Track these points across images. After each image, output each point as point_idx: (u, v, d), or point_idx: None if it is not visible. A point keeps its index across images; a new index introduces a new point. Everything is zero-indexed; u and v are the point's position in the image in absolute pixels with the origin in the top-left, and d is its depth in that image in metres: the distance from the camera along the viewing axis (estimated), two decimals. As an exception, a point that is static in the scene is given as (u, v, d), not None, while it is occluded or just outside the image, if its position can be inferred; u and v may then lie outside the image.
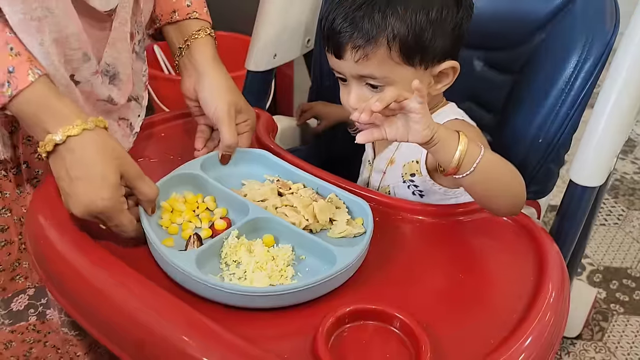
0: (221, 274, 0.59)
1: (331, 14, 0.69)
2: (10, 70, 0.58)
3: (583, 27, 0.77)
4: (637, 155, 1.97)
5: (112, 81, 0.74)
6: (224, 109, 0.74)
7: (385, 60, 0.68)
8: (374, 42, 0.67)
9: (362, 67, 0.69)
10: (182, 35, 0.80)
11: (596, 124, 0.71)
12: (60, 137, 0.59)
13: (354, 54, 0.68)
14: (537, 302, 0.59)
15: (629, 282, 1.45)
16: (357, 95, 0.72)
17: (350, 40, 0.68)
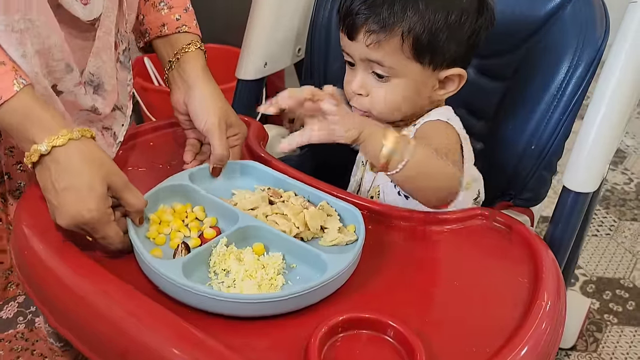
0: (209, 283, 0.58)
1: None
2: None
3: (574, 33, 0.78)
4: (627, 166, 1.98)
5: (97, 91, 0.73)
6: (215, 122, 0.73)
7: (396, 51, 0.68)
8: (389, 30, 0.67)
9: (372, 51, 0.69)
10: (172, 49, 0.79)
11: (588, 129, 0.70)
12: (45, 148, 0.58)
13: (367, 38, 0.68)
14: (533, 310, 0.58)
15: (622, 293, 1.44)
16: (362, 80, 0.72)
17: (365, 24, 0.68)
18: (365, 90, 0.73)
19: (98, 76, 0.72)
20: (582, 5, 0.79)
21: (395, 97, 0.72)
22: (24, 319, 0.82)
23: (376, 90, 0.72)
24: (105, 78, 0.73)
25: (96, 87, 0.73)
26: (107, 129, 0.78)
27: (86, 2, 0.67)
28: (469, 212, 0.71)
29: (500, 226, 0.70)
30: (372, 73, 0.71)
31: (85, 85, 0.70)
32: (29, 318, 0.82)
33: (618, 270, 1.52)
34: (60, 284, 0.58)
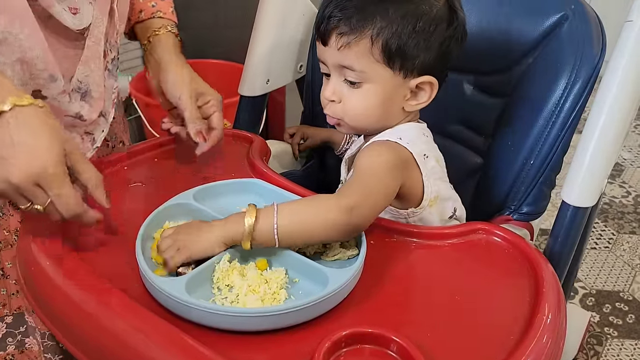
0: (213, 299, 0.58)
1: (326, 1, 0.71)
2: None
3: (571, 51, 0.79)
4: (625, 179, 2.00)
5: (84, 98, 0.75)
6: (184, 95, 0.79)
7: (365, 54, 0.69)
8: (359, 33, 0.69)
9: (343, 56, 0.70)
10: (147, 33, 0.85)
11: (587, 143, 0.71)
12: (8, 106, 0.56)
13: (338, 41, 0.70)
14: (534, 324, 0.58)
15: (622, 306, 1.45)
16: (334, 87, 0.74)
17: (336, 27, 0.69)
18: (338, 97, 0.74)
19: (86, 84, 0.74)
20: (579, 23, 0.80)
21: (367, 103, 0.73)
22: (13, 340, 0.81)
23: (348, 96, 0.73)
24: (93, 86, 0.75)
25: (84, 94, 0.74)
26: (88, 134, 0.80)
27: (75, 11, 0.68)
28: (469, 226, 0.72)
29: (500, 240, 0.70)
30: (345, 81, 0.73)
31: (73, 92, 0.71)
32: (18, 339, 0.81)
33: (617, 283, 1.52)
34: (67, 300, 0.58)
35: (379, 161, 0.69)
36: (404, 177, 0.71)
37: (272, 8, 0.95)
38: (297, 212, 0.63)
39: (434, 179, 0.75)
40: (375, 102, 0.73)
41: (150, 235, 0.66)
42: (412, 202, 0.75)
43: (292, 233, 0.62)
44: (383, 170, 0.68)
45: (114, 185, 0.78)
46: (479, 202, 0.89)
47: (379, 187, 0.67)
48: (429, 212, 0.76)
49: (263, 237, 0.61)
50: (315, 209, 0.63)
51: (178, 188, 0.73)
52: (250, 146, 0.87)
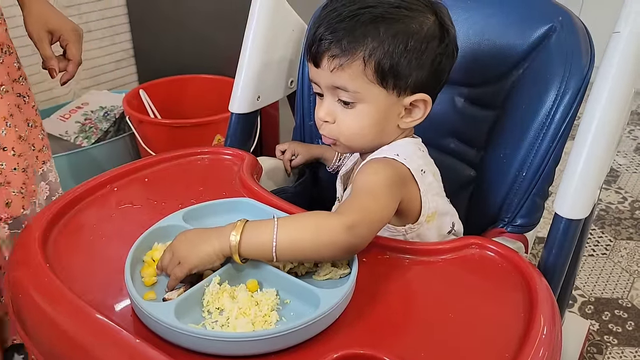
0: (203, 323, 0.57)
1: (316, 23, 0.71)
2: None
3: (560, 62, 0.79)
4: (621, 185, 1.99)
5: None
6: (35, 35, 0.95)
7: (359, 75, 0.69)
8: (351, 55, 0.69)
9: (336, 77, 0.70)
10: None
11: (577, 156, 0.71)
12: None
13: (330, 63, 0.70)
14: (529, 339, 0.58)
15: (621, 313, 1.44)
16: (328, 108, 0.74)
17: (328, 49, 0.69)
18: (332, 117, 0.74)
19: None
20: (567, 34, 0.80)
21: (362, 123, 0.73)
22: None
23: (342, 117, 0.73)
24: None
25: None
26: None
27: None
28: (462, 241, 0.71)
29: (493, 255, 0.70)
30: (339, 101, 0.72)
31: None
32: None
33: (616, 290, 1.51)
34: (55, 329, 0.57)
35: (377, 179, 0.69)
36: (402, 193, 0.71)
37: (261, 24, 0.95)
38: (296, 229, 0.62)
39: (431, 195, 0.75)
40: (369, 121, 0.73)
41: (140, 258, 0.65)
42: (410, 218, 0.75)
43: (290, 250, 0.61)
44: (381, 188, 0.68)
45: (103, 207, 0.77)
46: (472, 215, 0.89)
47: (378, 206, 0.66)
48: (427, 228, 0.76)
49: (259, 251, 0.61)
50: (314, 227, 0.62)
51: (168, 208, 0.73)
52: (242, 164, 0.86)
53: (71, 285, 0.61)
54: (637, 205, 1.89)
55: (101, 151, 1.70)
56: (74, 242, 0.71)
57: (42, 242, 0.68)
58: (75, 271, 0.65)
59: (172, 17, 1.89)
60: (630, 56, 0.69)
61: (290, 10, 0.99)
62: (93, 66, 2.01)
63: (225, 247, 0.60)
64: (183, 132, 1.63)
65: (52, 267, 0.64)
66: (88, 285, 0.63)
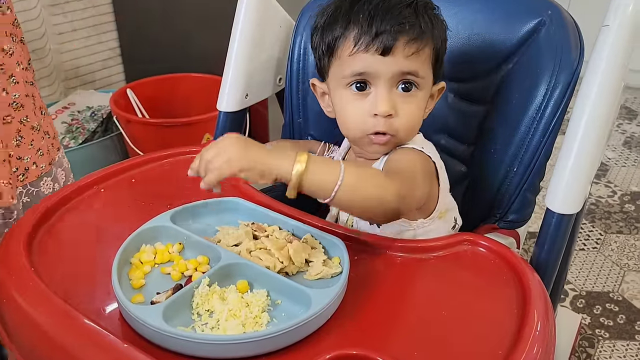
0: (193, 325, 0.56)
1: (373, 11, 0.68)
2: None
3: (550, 56, 0.78)
4: (610, 179, 2.00)
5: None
6: None
7: (428, 59, 0.71)
8: (426, 39, 0.70)
9: (410, 62, 0.69)
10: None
11: (568, 151, 0.71)
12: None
13: (408, 48, 0.69)
14: (523, 335, 0.57)
15: (612, 306, 1.45)
16: (391, 99, 0.70)
17: (406, 35, 0.68)
18: (395, 110, 0.71)
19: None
20: (556, 28, 0.80)
21: (419, 112, 0.74)
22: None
23: (404, 107, 0.71)
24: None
25: None
26: None
27: None
28: (454, 238, 0.71)
29: (485, 251, 0.69)
30: (399, 89, 0.71)
31: None
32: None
33: (607, 284, 1.52)
34: (40, 334, 0.56)
35: (418, 164, 0.71)
36: (430, 185, 0.72)
37: (248, 22, 0.94)
38: (359, 178, 0.61)
39: (445, 191, 0.76)
40: (423, 111, 0.74)
41: (128, 260, 0.64)
42: (424, 213, 0.75)
43: (349, 194, 0.60)
44: (420, 174, 0.70)
45: (90, 208, 0.76)
46: (465, 211, 0.88)
47: (420, 188, 0.68)
48: (438, 224, 0.76)
49: (319, 187, 0.59)
50: (375, 182, 0.63)
51: (156, 209, 0.72)
52: (230, 163, 0.85)
53: (57, 289, 0.60)
54: (626, 199, 1.90)
55: (89, 152, 1.68)
56: (60, 244, 0.70)
57: (27, 245, 0.67)
58: (61, 274, 0.64)
59: (159, 15, 1.87)
60: (620, 50, 0.69)
61: (278, 6, 0.98)
62: (79, 66, 1.98)
63: (285, 171, 0.58)
64: (171, 132, 1.61)
65: (37, 270, 0.63)
66: (74, 288, 0.62)
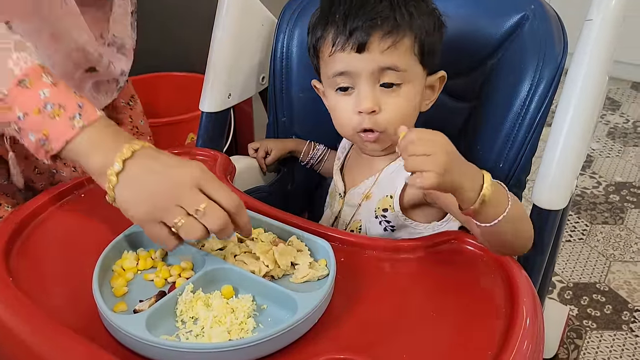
0: (177, 333, 0.55)
1: (347, 10, 0.68)
2: (80, 105, 0.62)
3: (533, 51, 0.78)
4: (595, 170, 2.02)
5: (120, 50, 0.87)
6: None
7: (408, 52, 0.69)
8: (403, 31, 0.68)
9: (387, 57, 0.68)
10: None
11: (554, 146, 0.70)
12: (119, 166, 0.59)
13: (383, 42, 0.67)
14: (513, 333, 0.57)
15: (599, 297, 1.46)
16: (373, 96, 0.69)
17: (380, 29, 0.67)
18: (378, 106, 0.70)
19: (121, 38, 0.85)
20: (539, 22, 0.79)
21: (409, 106, 0.71)
22: None
23: (389, 102, 0.70)
24: (126, 39, 0.86)
25: (119, 47, 0.86)
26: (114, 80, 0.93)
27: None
28: (441, 237, 0.70)
29: (472, 249, 0.69)
30: (382, 86, 0.70)
31: (110, 46, 0.77)
32: None
33: (593, 275, 1.53)
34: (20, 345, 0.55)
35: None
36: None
37: (230, 20, 0.92)
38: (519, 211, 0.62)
39: None
40: (413, 104, 0.72)
41: (109, 268, 0.63)
42: (439, 215, 0.75)
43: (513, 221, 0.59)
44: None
45: (69, 215, 0.74)
46: (451, 208, 0.88)
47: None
48: (450, 225, 0.75)
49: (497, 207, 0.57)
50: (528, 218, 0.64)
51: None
52: (214, 164, 0.84)
53: (37, 299, 0.58)
54: (611, 189, 1.91)
55: (70, 154, 1.65)
56: (38, 253, 0.68)
57: (5, 254, 0.65)
58: (41, 283, 0.63)
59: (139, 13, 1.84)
60: (603, 44, 0.69)
61: (259, 4, 0.97)
62: (59, 66, 1.95)
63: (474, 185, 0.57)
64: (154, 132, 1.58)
65: (15, 280, 0.61)
66: (54, 298, 0.60)
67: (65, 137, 0.61)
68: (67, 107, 0.61)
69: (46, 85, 0.62)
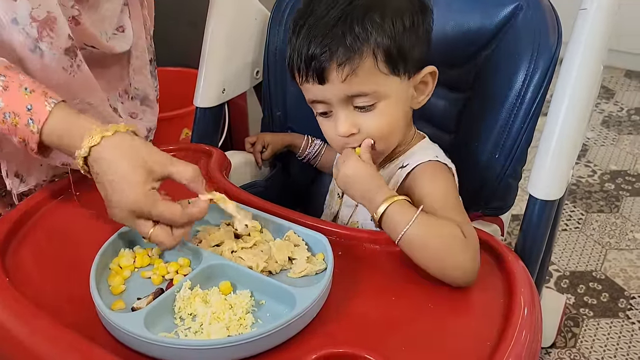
0: (176, 330, 0.55)
1: (302, 41, 0.66)
2: (29, 107, 0.62)
3: (528, 41, 0.78)
4: (590, 159, 2.02)
5: (144, 102, 0.85)
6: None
7: (372, 72, 0.66)
8: (359, 54, 0.65)
9: (349, 85, 0.66)
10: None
11: (549, 137, 0.70)
12: (84, 151, 0.61)
13: (341, 73, 0.65)
14: (511, 323, 0.57)
15: (595, 285, 1.46)
16: (349, 120, 0.69)
17: (334, 59, 0.65)
18: (356, 127, 0.69)
19: (142, 89, 0.83)
20: (533, 12, 0.79)
21: (389, 119, 0.69)
22: None
23: (366, 122, 0.69)
24: (148, 89, 0.84)
25: (142, 99, 0.84)
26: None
27: (122, 29, 0.75)
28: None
29: (470, 240, 0.69)
30: (355, 108, 0.69)
31: (133, 99, 0.76)
32: None
33: (589, 263, 1.54)
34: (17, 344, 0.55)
35: (453, 192, 0.70)
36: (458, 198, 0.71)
37: (223, 14, 0.92)
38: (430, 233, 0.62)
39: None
40: (395, 115, 0.70)
41: (106, 266, 0.63)
42: None
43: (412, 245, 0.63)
44: (460, 201, 0.70)
45: (65, 213, 0.74)
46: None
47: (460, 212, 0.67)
48: None
49: (391, 230, 0.64)
50: (448, 242, 0.62)
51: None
52: (209, 160, 0.84)
53: (34, 299, 0.58)
54: (606, 178, 1.92)
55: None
56: (35, 252, 0.68)
57: (1, 254, 0.65)
58: (38, 283, 0.62)
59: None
60: (598, 33, 0.68)
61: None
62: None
63: (372, 207, 0.65)
64: (149, 128, 1.58)
65: (12, 280, 0.61)
66: (52, 297, 0.60)
67: (34, 139, 0.63)
68: (19, 114, 0.62)
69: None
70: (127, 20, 0.76)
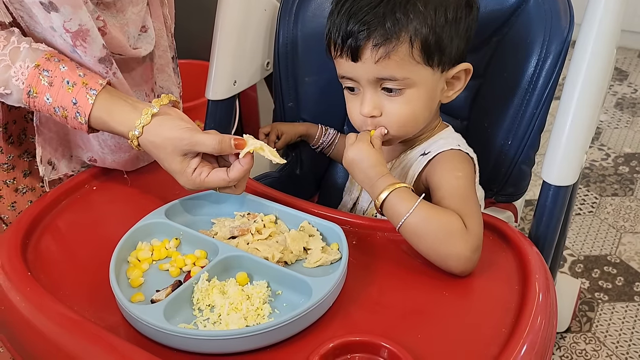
0: (195, 321, 0.56)
1: (342, 17, 0.67)
2: (74, 102, 0.66)
3: (539, 26, 0.77)
4: (603, 142, 2.00)
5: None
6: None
7: (406, 59, 0.66)
8: (396, 39, 0.65)
9: (382, 67, 0.66)
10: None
11: (563, 121, 0.70)
12: (138, 131, 0.66)
13: (375, 54, 0.66)
14: (526, 309, 0.57)
15: (610, 269, 1.46)
16: (374, 101, 0.69)
17: (370, 39, 0.65)
18: (379, 110, 0.70)
19: (167, 87, 0.84)
20: (545, -4, 0.78)
21: (413, 108, 0.70)
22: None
23: (391, 106, 0.69)
24: (172, 87, 0.85)
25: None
26: None
27: (145, 29, 0.76)
28: (451, 216, 0.70)
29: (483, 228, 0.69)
30: (383, 90, 0.69)
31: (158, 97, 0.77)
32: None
33: (604, 247, 1.53)
34: (41, 338, 0.56)
35: (467, 183, 0.69)
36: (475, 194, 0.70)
37: (232, 6, 0.92)
38: (429, 222, 0.62)
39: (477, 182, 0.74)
40: (421, 105, 0.70)
41: (125, 259, 0.64)
42: None
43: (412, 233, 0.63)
44: (473, 192, 0.69)
45: (83, 208, 0.75)
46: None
47: (480, 214, 0.66)
48: None
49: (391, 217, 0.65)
50: (446, 231, 0.62)
51: (150, 205, 0.71)
52: (222, 152, 0.84)
53: (55, 292, 0.60)
54: (620, 161, 1.90)
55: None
56: (55, 246, 0.69)
57: (22, 249, 0.66)
58: (59, 277, 0.64)
59: (140, 1, 1.82)
60: (611, 13, 0.68)
61: (261, -11, 0.96)
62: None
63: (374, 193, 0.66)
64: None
65: (34, 274, 0.62)
66: (73, 290, 0.61)
67: (84, 129, 0.68)
68: (67, 107, 0.66)
69: (46, 89, 0.66)
70: (148, 20, 0.78)
